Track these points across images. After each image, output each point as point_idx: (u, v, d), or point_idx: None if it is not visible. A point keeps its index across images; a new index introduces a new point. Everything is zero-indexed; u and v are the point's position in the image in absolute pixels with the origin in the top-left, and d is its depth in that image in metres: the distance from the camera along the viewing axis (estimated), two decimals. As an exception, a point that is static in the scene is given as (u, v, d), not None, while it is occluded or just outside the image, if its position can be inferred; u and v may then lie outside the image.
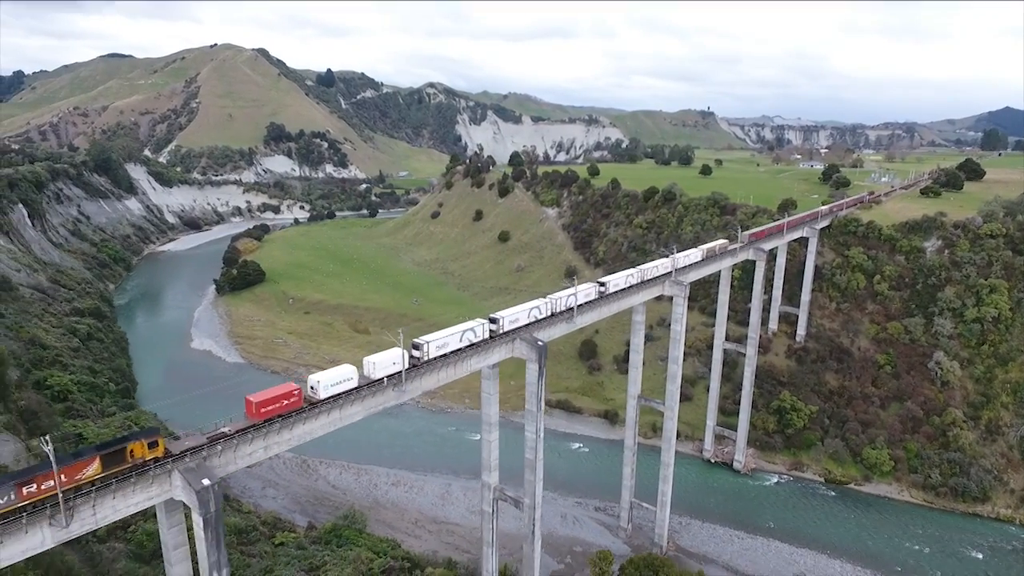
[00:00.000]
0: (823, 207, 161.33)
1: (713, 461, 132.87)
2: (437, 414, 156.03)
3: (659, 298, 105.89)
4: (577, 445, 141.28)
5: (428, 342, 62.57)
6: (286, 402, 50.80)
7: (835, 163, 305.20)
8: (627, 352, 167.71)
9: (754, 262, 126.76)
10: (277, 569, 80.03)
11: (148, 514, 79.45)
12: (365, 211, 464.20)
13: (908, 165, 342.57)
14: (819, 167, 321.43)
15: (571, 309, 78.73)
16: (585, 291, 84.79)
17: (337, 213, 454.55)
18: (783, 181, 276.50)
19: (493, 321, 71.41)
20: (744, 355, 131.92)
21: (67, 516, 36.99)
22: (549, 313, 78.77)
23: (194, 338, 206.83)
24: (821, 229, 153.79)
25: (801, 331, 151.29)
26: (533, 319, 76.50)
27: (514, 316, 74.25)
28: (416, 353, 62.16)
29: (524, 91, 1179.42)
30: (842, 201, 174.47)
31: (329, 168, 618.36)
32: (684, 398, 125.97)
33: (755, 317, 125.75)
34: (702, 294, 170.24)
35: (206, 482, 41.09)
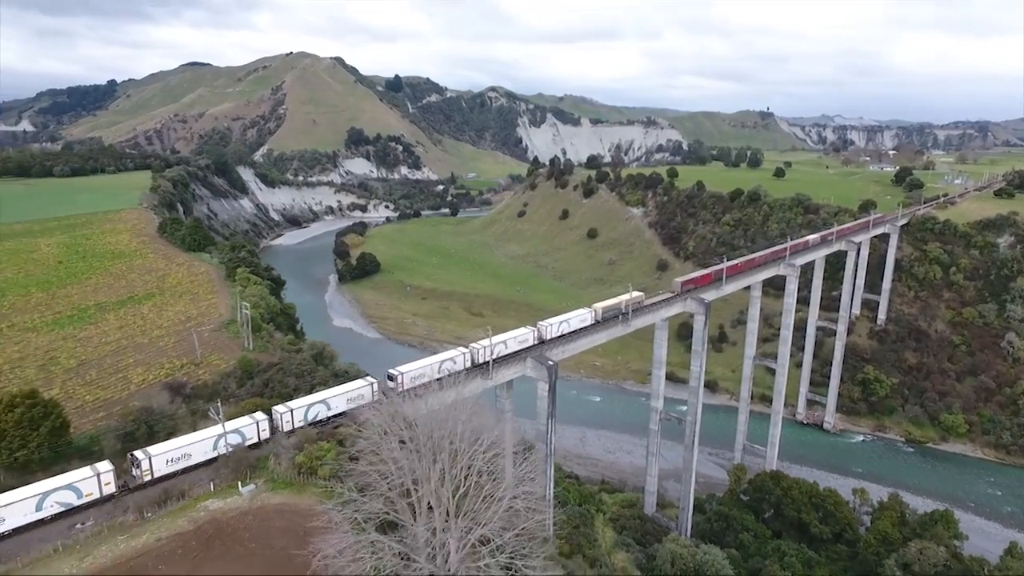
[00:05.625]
0: (901, 207, 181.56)
1: (805, 423, 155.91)
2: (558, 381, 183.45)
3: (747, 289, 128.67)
4: (684, 407, 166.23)
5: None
6: None
7: (906, 165, 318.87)
8: (721, 333, 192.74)
9: (845, 252, 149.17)
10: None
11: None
12: (445, 210, 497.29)
13: (981, 167, 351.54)
14: (889, 169, 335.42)
15: (720, 279, 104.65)
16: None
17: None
18: (855, 183, 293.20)
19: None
20: (833, 333, 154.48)
21: (491, 373, 65.68)
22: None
23: (333, 318, 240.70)
24: (901, 226, 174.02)
25: (882, 315, 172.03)
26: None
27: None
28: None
29: (571, 92, 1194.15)
30: (920, 203, 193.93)
31: (404, 170, 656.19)
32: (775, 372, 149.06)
33: (846, 299, 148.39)
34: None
35: (551, 363, 69.20)
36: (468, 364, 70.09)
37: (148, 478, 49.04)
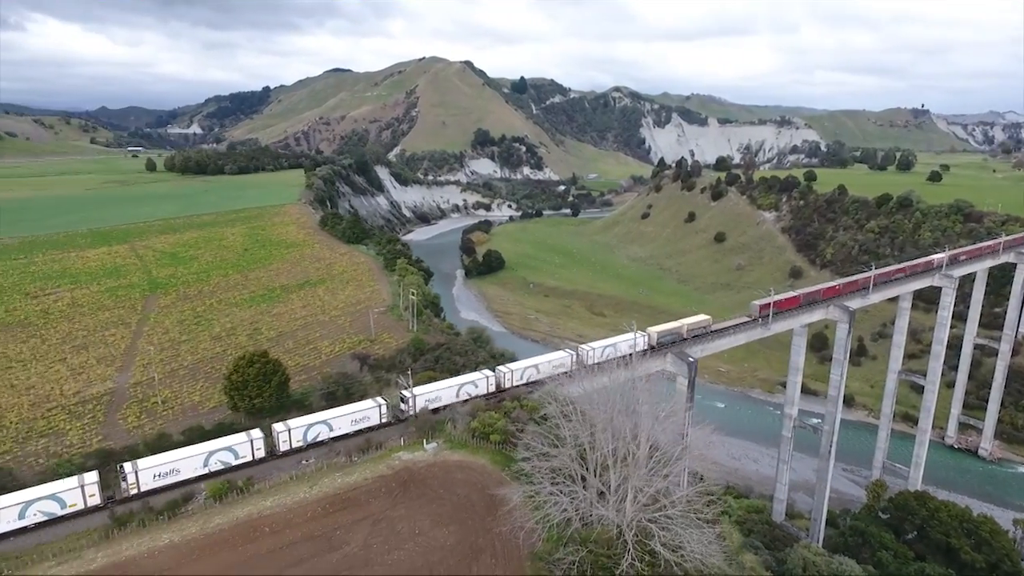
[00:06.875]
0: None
1: (956, 447, 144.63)
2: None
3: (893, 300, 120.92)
4: (816, 420, 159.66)
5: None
6: None
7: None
8: (860, 345, 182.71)
9: (1014, 265, 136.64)
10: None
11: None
12: (566, 210, 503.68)
13: None
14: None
15: (866, 287, 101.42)
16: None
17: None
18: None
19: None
20: (994, 353, 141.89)
21: (633, 366, 70.41)
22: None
23: (460, 311, 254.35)
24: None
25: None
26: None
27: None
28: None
29: (698, 91, 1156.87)
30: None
31: (526, 170, 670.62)
32: (922, 390, 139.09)
33: (1012, 316, 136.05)
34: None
35: (691, 359, 72.43)
36: (492, 388, 65.95)
37: (134, 491, 48.79)
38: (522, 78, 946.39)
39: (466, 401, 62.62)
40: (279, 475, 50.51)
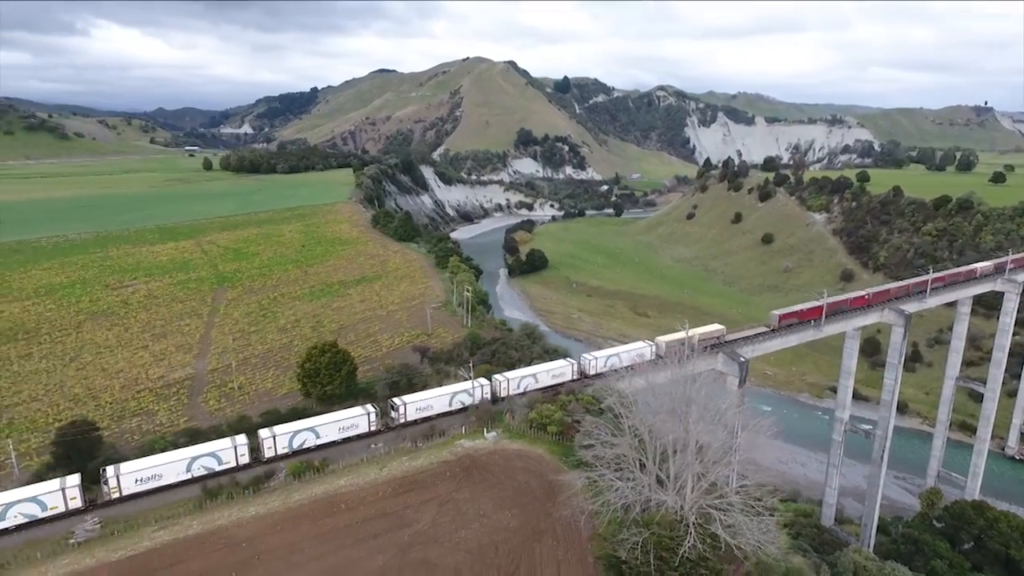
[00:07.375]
0: None
1: (1017, 458, 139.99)
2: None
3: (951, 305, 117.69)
4: (868, 427, 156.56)
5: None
6: None
7: None
8: (915, 351, 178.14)
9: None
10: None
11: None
12: (609, 210, 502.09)
13: None
14: None
15: (924, 291, 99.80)
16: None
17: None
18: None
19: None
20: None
21: (686, 365, 71.78)
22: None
23: (504, 309, 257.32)
24: None
25: None
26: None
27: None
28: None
29: (744, 89, 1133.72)
30: None
31: (569, 170, 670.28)
32: (980, 397, 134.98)
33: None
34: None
35: (742, 359, 73.23)
36: (487, 397, 64.44)
37: (116, 495, 48.38)
38: (565, 77, 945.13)
39: (459, 411, 61.79)
40: (351, 457, 54.00)
